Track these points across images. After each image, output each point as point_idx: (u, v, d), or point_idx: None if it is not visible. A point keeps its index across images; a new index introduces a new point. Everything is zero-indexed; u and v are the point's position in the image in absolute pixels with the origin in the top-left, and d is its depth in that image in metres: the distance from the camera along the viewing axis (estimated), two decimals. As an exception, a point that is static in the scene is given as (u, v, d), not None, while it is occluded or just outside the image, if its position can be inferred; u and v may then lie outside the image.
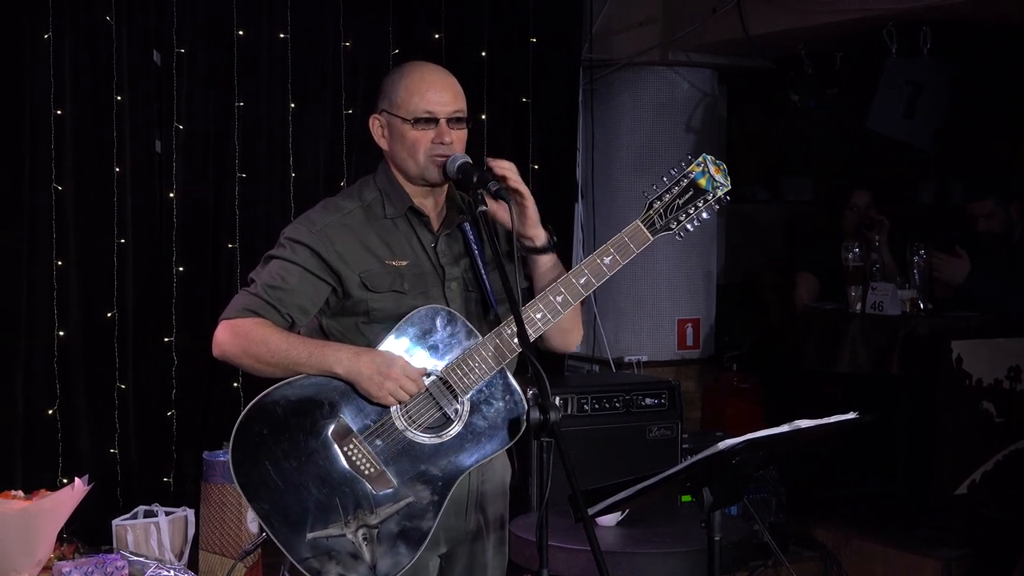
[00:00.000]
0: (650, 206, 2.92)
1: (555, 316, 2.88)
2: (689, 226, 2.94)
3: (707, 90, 6.57)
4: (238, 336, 2.87)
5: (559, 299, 2.88)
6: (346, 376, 2.83)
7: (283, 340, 2.85)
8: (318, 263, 2.90)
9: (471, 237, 3.02)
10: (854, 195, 6.33)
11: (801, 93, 5.90)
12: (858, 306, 5.74)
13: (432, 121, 2.93)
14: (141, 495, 5.22)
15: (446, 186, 3.02)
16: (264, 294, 2.89)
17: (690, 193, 2.93)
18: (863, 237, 5.97)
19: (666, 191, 2.92)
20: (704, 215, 2.95)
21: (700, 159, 2.94)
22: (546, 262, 2.98)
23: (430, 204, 3.01)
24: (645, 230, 2.91)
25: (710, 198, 2.94)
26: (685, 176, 2.93)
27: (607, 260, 2.90)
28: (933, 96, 5.57)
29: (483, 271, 2.99)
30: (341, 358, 2.83)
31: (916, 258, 5.64)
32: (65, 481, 5.00)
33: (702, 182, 2.93)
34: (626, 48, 6.40)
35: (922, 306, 5.64)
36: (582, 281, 2.89)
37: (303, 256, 2.90)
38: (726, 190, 2.95)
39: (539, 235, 2.96)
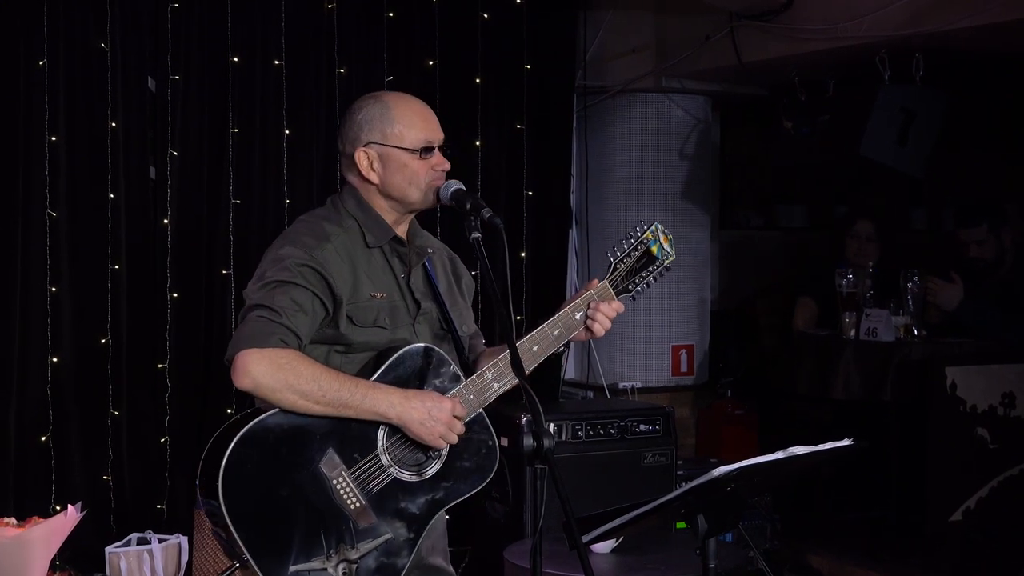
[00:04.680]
0: (614, 268, 3.11)
1: (532, 364, 2.97)
2: (641, 289, 3.14)
3: (700, 117, 6.59)
4: (281, 370, 2.76)
5: (535, 348, 3.01)
6: (397, 421, 2.82)
7: (334, 379, 2.80)
8: (324, 287, 2.88)
9: (431, 272, 3.06)
10: (857, 224, 6.34)
11: (794, 120, 5.91)
12: (852, 332, 5.75)
13: (430, 150, 2.99)
14: (134, 522, 5.22)
15: (411, 217, 3.09)
16: (286, 321, 2.81)
17: (644, 259, 3.12)
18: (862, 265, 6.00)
19: (627, 255, 3.12)
20: (652, 280, 3.15)
21: (653, 227, 3.14)
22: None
23: (403, 234, 3.07)
24: (612, 291, 3.10)
25: (659, 267, 3.15)
26: (641, 243, 3.12)
27: (578, 315, 3.07)
28: (925, 123, 5.59)
29: (448, 308, 3.05)
30: (393, 402, 2.82)
31: (910, 284, 5.65)
32: (58, 508, 4.99)
33: (654, 250, 3.13)
34: (620, 75, 6.43)
35: (916, 332, 5.65)
36: (556, 333, 3.03)
37: (312, 280, 2.87)
38: (671, 260, 3.16)
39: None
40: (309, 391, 2.77)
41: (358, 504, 2.82)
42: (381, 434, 2.86)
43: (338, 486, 2.81)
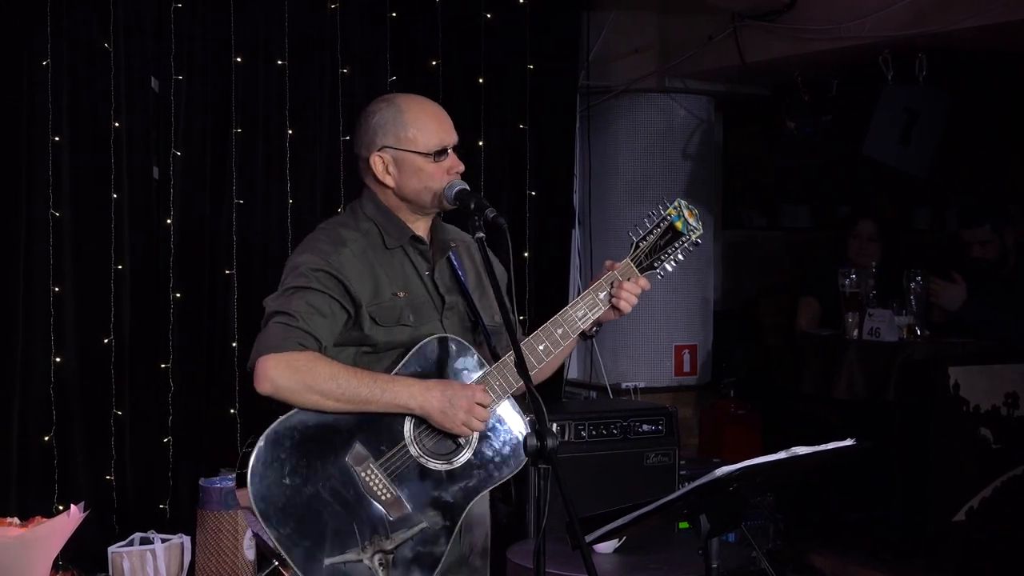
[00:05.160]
0: (636, 246, 3.09)
1: (556, 348, 2.99)
2: (668, 266, 3.11)
3: (704, 117, 6.59)
4: (298, 372, 2.81)
5: (559, 331, 3.00)
6: (419, 411, 2.85)
7: (352, 376, 2.84)
8: (341, 290, 2.91)
9: (457, 266, 3.07)
10: (859, 224, 6.33)
11: (797, 120, 5.91)
12: (855, 332, 5.75)
13: (444, 152, 3.00)
14: (137, 522, 5.22)
15: (434, 215, 3.09)
16: (303, 324, 2.86)
17: (669, 235, 3.10)
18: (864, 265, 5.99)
19: (649, 233, 3.09)
20: (680, 256, 3.12)
21: (676, 203, 3.12)
22: (575, 343, 3.14)
23: (424, 233, 3.07)
24: (635, 269, 3.07)
25: (685, 241, 3.11)
26: (664, 219, 3.10)
27: (601, 295, 3.04)
28: (928, 123, 5.59)
29: (474, 301, 3.05)
30: (414, 393, 2.85)
31: (913, 284, 5.65)
32: (61, 508, 4.99)
33: (679, 225, 3.10)
34: (623, 75, 6.43)
35: (919, 332, 5.65)
36: (579, 315, 3.02)
37: (328, 284, 2.91)
38: (699, 234, 3.13)
39: (596, 328, 3.12)
40: (328, 390, 2.81)
41: (389, 495, 2.84)
42: (408, 425, 2.89)
43: (367, 478, 2.84)
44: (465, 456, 2.91)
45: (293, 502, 2.80)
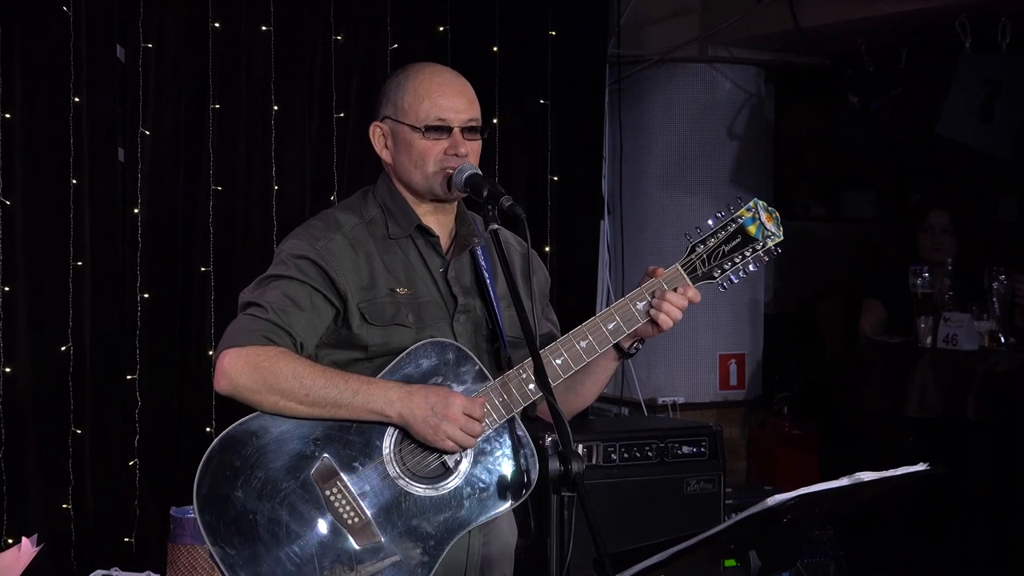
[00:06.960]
0: (692, 250, 2.96)
1: (577, 363, 2.90)
2: (733, 277, 2.98)
3: (752, 90, 6.59)
4: (257, 369, 2.80)
5: (583, 344, 2.90)
6: (399, 419, 2.80)
7: (319, 375, 2.81)
8: (325, 281, 2.89)
9: (483, 265, 3.03)
10: (930, 215, 6.32)
11: (861, 94, 5.92)
12: (928, 339, 5.74)
13: (444, 130, 2.97)
14: (99, 557, 5.22)
15: (455, 204, 3.04)
16: (274, 317, 2.85)
17: (737, 240, 2.97)
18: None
19: (711, 235, 2.97)
20: (751, 266, 2.99)
21: (751, 203, 2.99)
22: (615, 362, 3.05)
23: (437, 223, 3.03)
24: (685, 276, 2.95)
25: (759, 248, 2.98)
26: (733, 220, 2.97)
27: (640, 305, 2.93)
28: (1013, 98, 5.57)
29: (495, 305, 3.00)
30: (392, 398, 2.80)
31: (996, 284, 5.64)
32: (11, 541, 4.99)
33: (751, 229, 2.97)
34: (659, 42, 6.44)
35: (1003, 340, 5.63)
36: (611, 326, 2.92)
37: (310, 273, 2.89)
38: (777, 241, 2.99)
39: (637, 344, 3.02)
40: (290, 390, 2.79)
41: (357, 519, 2.81)
42: (388, 440, 2.85)
43: (332, 498, 2.80)
44: (455, 481, 2.85)
45: (243, 518, 2.77)
